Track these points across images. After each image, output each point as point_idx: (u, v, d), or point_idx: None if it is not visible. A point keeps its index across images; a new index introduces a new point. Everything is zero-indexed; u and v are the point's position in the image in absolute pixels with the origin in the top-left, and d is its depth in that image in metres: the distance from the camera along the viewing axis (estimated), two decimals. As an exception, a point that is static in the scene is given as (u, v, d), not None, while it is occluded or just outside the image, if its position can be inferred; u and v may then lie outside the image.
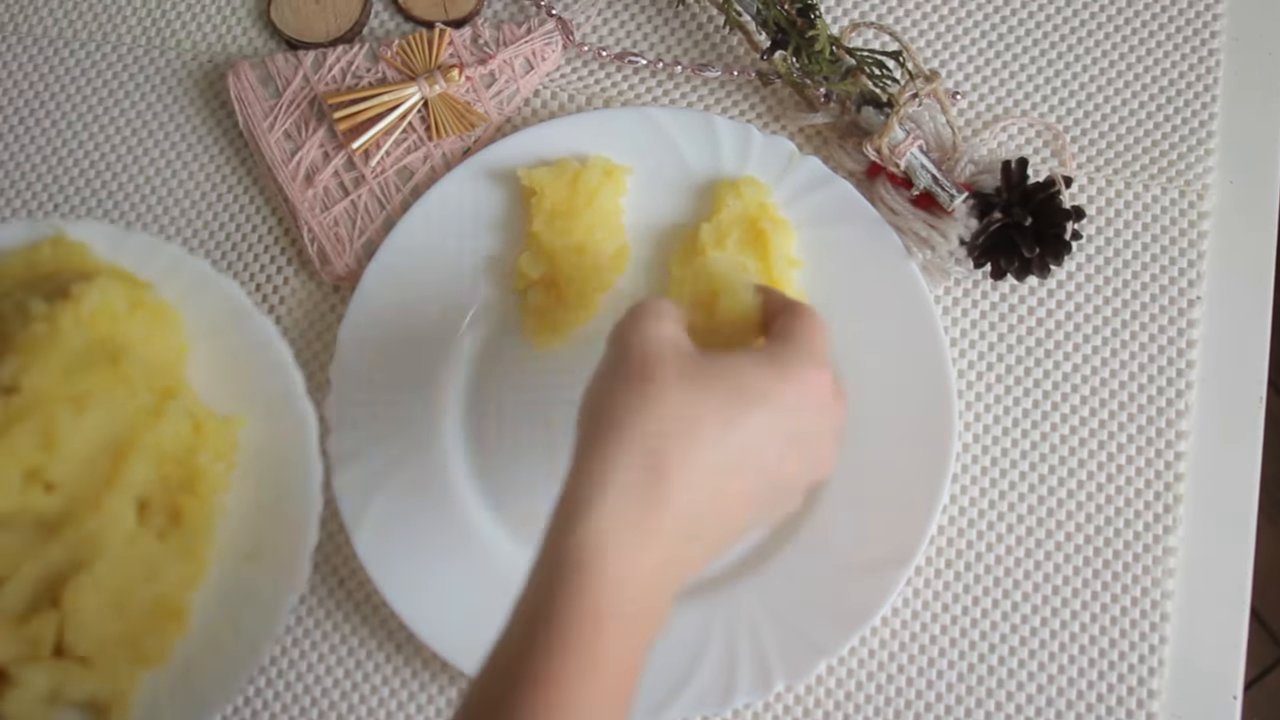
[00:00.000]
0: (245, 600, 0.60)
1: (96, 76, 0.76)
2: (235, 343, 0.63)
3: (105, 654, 0.58)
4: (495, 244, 0.69)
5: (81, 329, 0.58)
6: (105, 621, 0.57)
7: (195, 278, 0.63)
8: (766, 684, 0.62)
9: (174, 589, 0.60)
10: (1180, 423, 0.67)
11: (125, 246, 0.63)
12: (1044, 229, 0.65)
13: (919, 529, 0.63)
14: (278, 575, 0.60)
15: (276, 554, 0.61)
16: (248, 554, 0.61)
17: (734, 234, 0.66)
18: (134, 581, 0.58)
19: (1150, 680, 0.64)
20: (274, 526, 0.61)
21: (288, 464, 0.61)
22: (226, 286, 0.63)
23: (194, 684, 0.59)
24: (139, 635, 0.58)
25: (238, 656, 0.59)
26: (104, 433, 0.58)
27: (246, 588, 0.61)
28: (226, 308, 0.63)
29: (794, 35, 0.68)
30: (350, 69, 0.73)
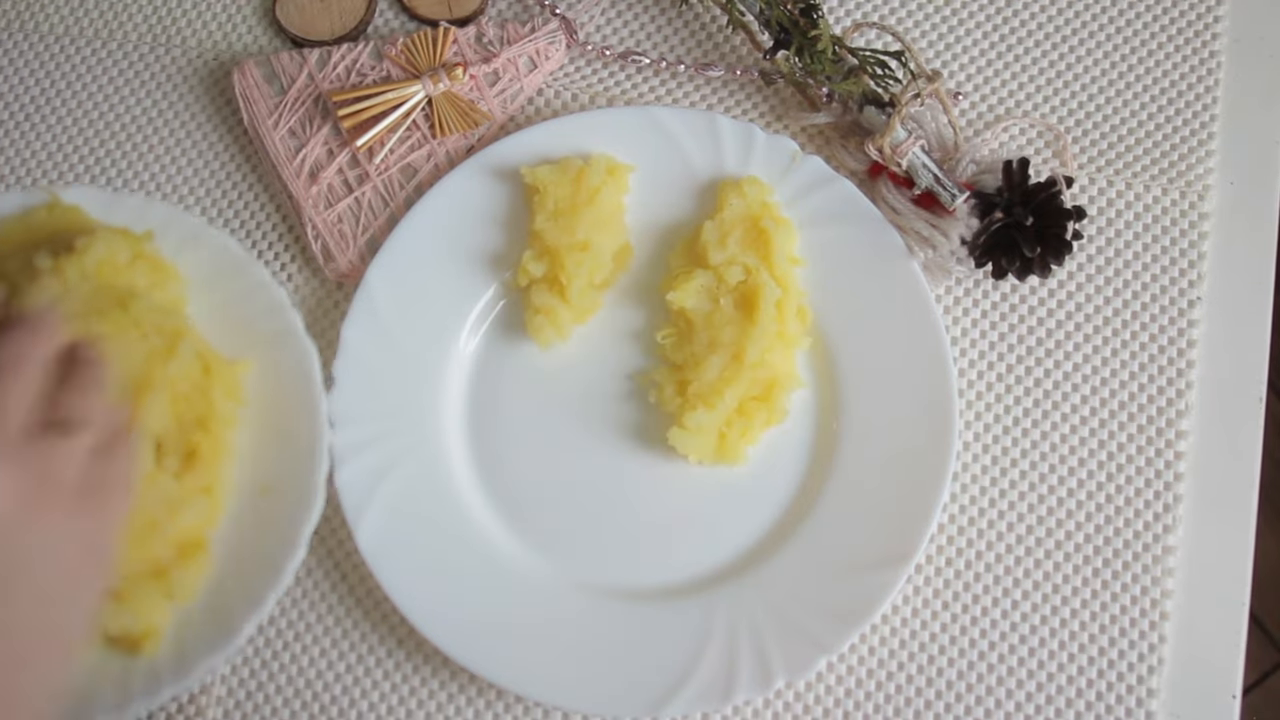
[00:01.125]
0: (264, 532, 0.62)
1: (102, 74, 0.77)
2: (233, 288, 0.65)
3: (135, 589, 0.59)
4: (498, 242, 0.70)
5: (88, 279, 0.60)
6: (132, 558, 0.59)
7: (188, 231, 0.66)
8: (767, 681, 0.62)
9: (194, 525, 0.61)
10: (1180, 422, 0.67)
11: (118, 207, 0.66)
12: (1045, 229, 0.66)
13: (919, 527, 0.64)
14: (294, 506, 0.62)
15: (291, 486, 0.63)
16: (263, 487, 0.63)
17: (736, 233, 0.67)
18: (156, 519, 0.60)
19: (1149, 679, 0.64)
20: (285, 460, 0.63)
21: (293, 399, 0.63)
22: (220, 238, 0.66)
23: (220, 614, 0.61)
24: (166, 570, 0.60)
25: (262, 585, 0.61)
26: (119, 374, 0.59)
27: (264, 520, 0.63)
28: (221, 257, 0.66)
29: (797, 35, 0.69)
30: (355, 67, 0.73)
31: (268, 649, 0.67)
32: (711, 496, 0.67)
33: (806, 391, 0.67)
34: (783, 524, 0.66)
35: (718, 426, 0.66)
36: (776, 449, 0.67)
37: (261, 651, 0.67)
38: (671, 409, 0.66)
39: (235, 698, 0.66)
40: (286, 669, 0.67)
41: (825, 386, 0.67)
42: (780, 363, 0.66)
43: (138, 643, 0.60)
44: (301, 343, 0.64)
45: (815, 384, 0.68)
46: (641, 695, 0.63)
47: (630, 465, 0.68)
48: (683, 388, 0.66)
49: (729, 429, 0.66)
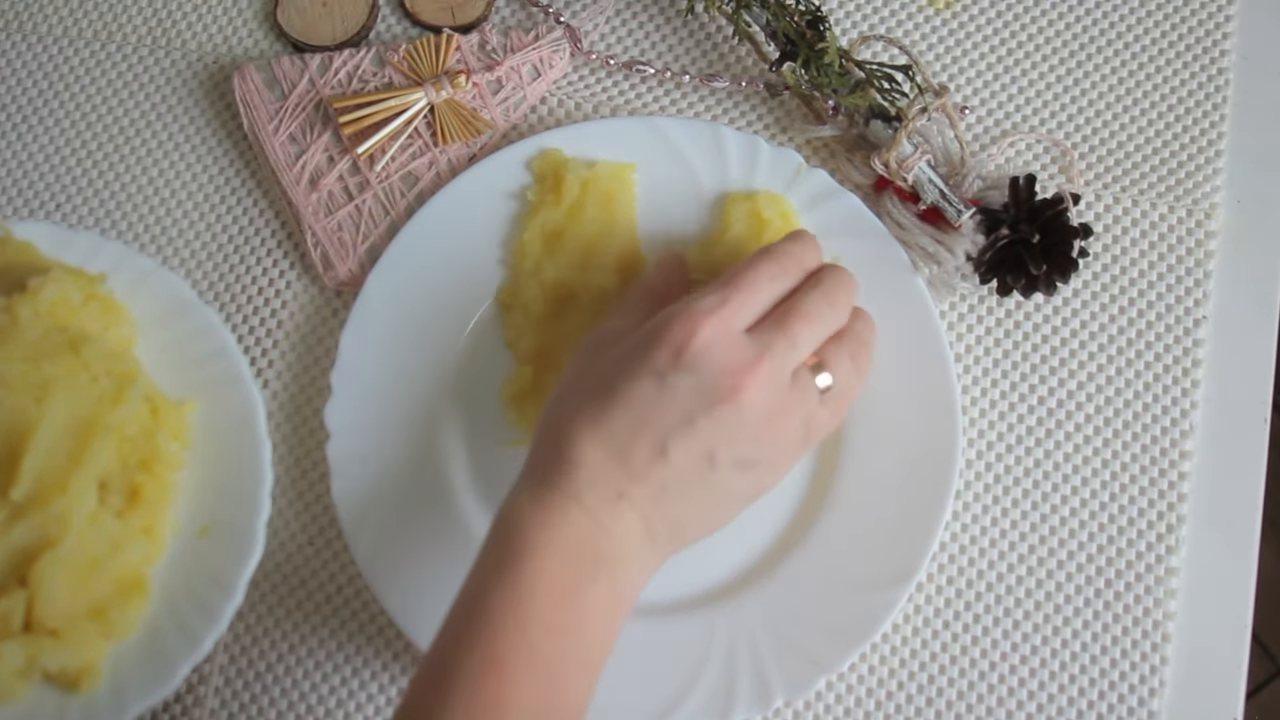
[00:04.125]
0: (203, 572, 0.63)
1: (101, 76, 0.76)
2: (181, 331, 0.66)
3: (73, 627, 0.60)
4: (499, 251, 0.69)
5: (40, 320, 0.62)
6: (72, 596, 0.60)
7: (139, 272, 0.67)
8: (766, 699, 0.62)
9: (135, 564, 0.62)
10: (1184, 442, 0.67)
11: (70, 245, 0.66)
12: (1051, 246, 0.65)
13: (921, 546, 0.63)
14: (233, 548, 0.63)
15: (231, 528, 0.63)
16: (203, 529, 0.64)
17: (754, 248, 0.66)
18: (97, 558, 0.61)
19: (1151, 701, 0.64)
20: (227, 502, 0.64)
21: (238, 443, 0.64)
22: (170, 280, 0.66)
23: (157, 651, 0.62)
24: (104, 608, 0.61)
25: (199, 625, 0.62)
26: (68, 417, 0.61)
27: (204, 561, 0.63)
28: (170, 299, 0.66)
29: (803, 47, 0.68)
30: (356, 73, 0.72)
31: (261, 661, 0.66)
32: (711, 512, 0.66)
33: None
34: (783, 542, 0.65)
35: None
36: (777, 464, 0.67)
37: (255, 664, 0.66)
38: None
39: (229, 709, 0.66)
40: (280, 681, 0.66)
41: (827, 402, 0.67)
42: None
43: (75, 680, 0.61)
44: (247, 388, 0.65)
45: (817, 399, 0.67)
46: (639, 713, 0.62)
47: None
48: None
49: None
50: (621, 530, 0.53)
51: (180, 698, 0.66)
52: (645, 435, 0.53)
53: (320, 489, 0.68)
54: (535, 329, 0.67)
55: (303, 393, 0.70)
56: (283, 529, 0.68)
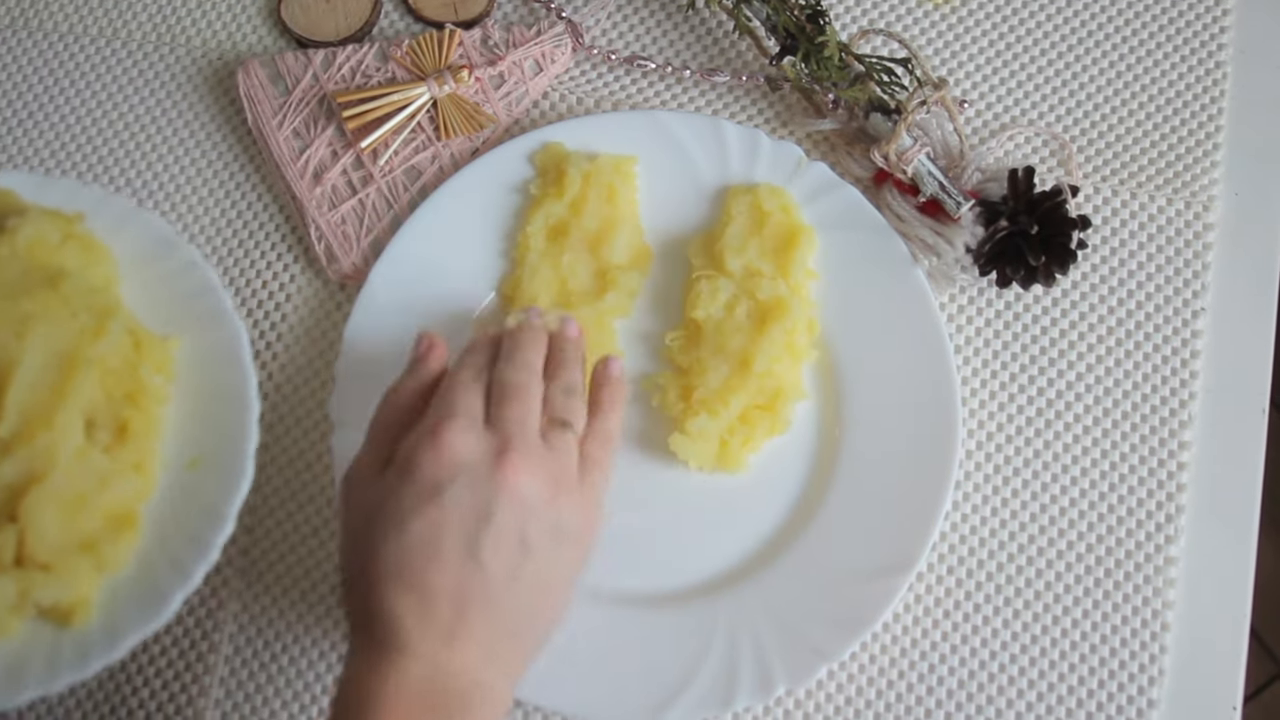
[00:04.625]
0: (193, 505, 0.63)
1: (106, 73, 0.76)
2: (164, 269, 0.66)
3: (65, 561, 0.60)
4: (502, 245, 0.70)
5: (18, 259, 0.62)
6: (63, 531, 0.60)
7: (120, 213, 0.66)
8: (768, 688, 0.62)
9: (125, 498, 0.62)
10: (1183, 433, 0.67)
11: (49, 190, 0.66)
12: (1050, 238, 0.66)
13: (921, 535, 0.63)
14: (223, 479, 0.62)
15: (220, 460, 0.63)
16: (191, 461, 0.63)
17: (754, 240, 0.67)
18: (87, 492, 0.60)
19: (1150, 690, 0.64)
20: (215, 434, 0.64)
21: (224, 375, 0.64)
22: (150, 219, 0.66)
23: (150, 584, 0.61)
24: (96, 542, 0.61)
25: (190, 557, 0.61)
26: (49, 352, 0.60)
27: (194, 493, 0.63)
28: (152, 238, 0.66)
29: (803, 41, 0.69)
30: (360, 68, 0.73)
31: (266, 651, 0.67)
32: (713, 503, 0.67)
33: (809, 398, 0.67)
34: (784, 531, 0.66)
35: (720, 434, 0.66)
36: (778, 456, 0.67)
37: (260, 653, 0.67)
38: (674, 413, 0.66)
39: (234, 699, 0.66)
40: (285, 671, 0.66)
41: (828, 393, 0.67)
42: (786, 373, 0.66)
43: (68, 614, 0.60)
44: (231, 321, 0.64)
45: (818, 391, 0.68)
46: (641, 701, 0.63)
47: (632, 470, 0.67)
48: (687, 393, 0.66)
49: (731, 437, 0.66)
50: (460, 665, 0.53)
51: (186, 687, 0.66)
52: (451, 557, 0.54)
53: (324, 480, 0.68)
54: None
55: (307, 384, 0.70)
56: (286, 519, 0.68)
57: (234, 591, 0.67)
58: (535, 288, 0.68)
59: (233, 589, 0.67)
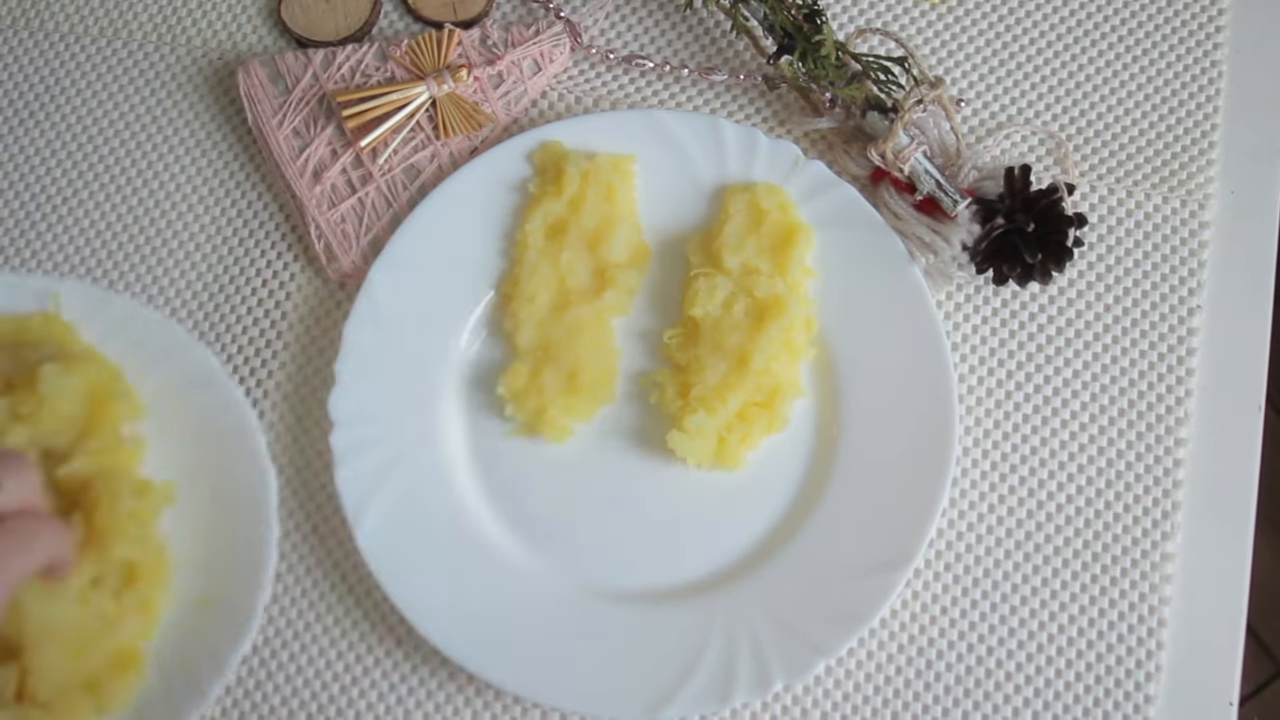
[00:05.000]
0: (198, 645, 0.63)
1: (107, 72, 0.77)
2: (203, 403, 0.66)
3: (66, 700, 0.60)
4: (501, 243, 0.70)
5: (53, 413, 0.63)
6: (65, 670, 0.60)
7: (173, 341, 0.66)
8: (765, 684, 0.62)
9: (128, 640, 0.63)
10: (1179, 430, 0.68)
11: (105, 310, 0.66)
12: (1046, 235, 0.66)
13: (919, 531, 0.64)
14: (230, 622, 0.63)
15: (230, 602, 0.63)
16: (202, 600, 0.64)
17: (752, 238, 0.67)
18: (91, 635, 0.61)
19: (1147, 685, 0.64)
20: (228, 576, 0.64)
21: (247, 518, 0.64)
22: (200, 351, 0.66)
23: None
24: (98, 683, 0.61)
25: (187, 700, 0.62)
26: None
27: (199, 634, 0.63)
28: (199, 369, 0.66)
29: (800, 40, 0.69)
30: (359, 68, 0.73)
31: (266, 648, 0.67)
32: (711, 500, 0.67)
33: (807, 396, 0.68)
34: (782, 528, 0.66)
35: (717, 431, 0.66)
36: (776, 453, 0.67)
37: (260, 650, 0.67)
38: (672, 411, 0.66)
39: (233, 696, 0.66)
40: (285, 668, 0.67)
41: (825, 391, 0.68)
42: (784, 371, 0.66)
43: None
44: (262, 465, 0.65)
45: (815, 388, 0.68)
46: (639, 697, 0.63)
47: (630, 468, 0.68)
48: (685, 390, 0.66)
49: (729, 434, 0.66)
50: None
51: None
52: None
53: (324, 477, 0.69)
54: (536, 319, 0.68)
55: (307, 383, 0.70)
56: (287, 518, 0.68)
57: (234, 588, 0.68)
58: (534, 286, 0.68)
59: (233, 586, 0.68)
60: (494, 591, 0.66)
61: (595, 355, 0.68)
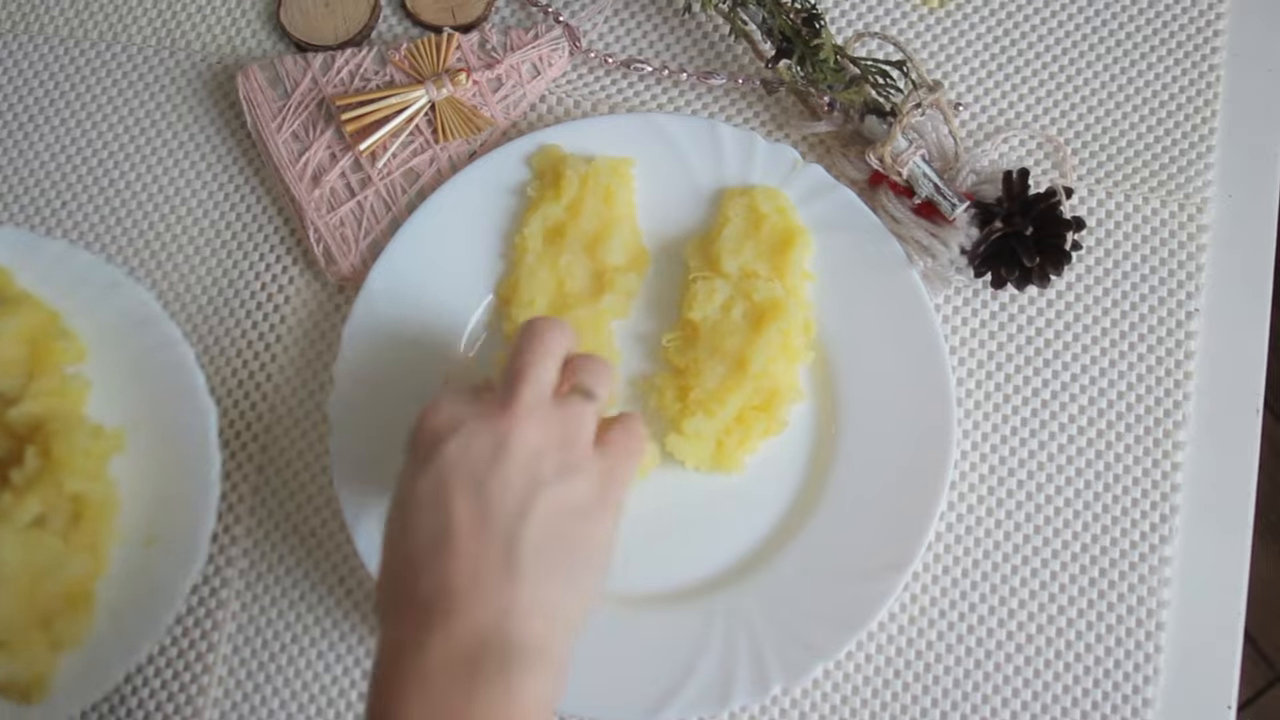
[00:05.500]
0: (146, 583, 0.64)
1: (106, 76, 0.77)
2: (142, 344, 0.67)
3: (21, 639, 0.61)
4: (500, 247, 0.70)
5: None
6: (17, 611, 0.61)
7: (106, 284, 0.68)
8: (764, 687, 0.62)
9: (79, 579, 0.64)
10: (1177, 433, 0.68)
11: (39, 254, 0.68)
12: (1044, 239, 0.66)
13: (917, 535, 0.64)
14: (177, 558, 0.64)
15: (175, 539, 0.65)
16: (149, 538, 0.65)
17: (750, 242, 0.67)
18: (41, 573, 0.62)
19: (1145, 689, 0.64)
20: (173, 513, 0.65)
21: (188, 454, 0.66)
22: (137, 292, 0.68)
23: (97, 658, 0.63)
24: (51, 621, 0.62)
25: (139, 634, 0.63)
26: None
27: (148, 571, 0.65)
28: (136, 313, 0.68)
29: (799, 44, 0.69)
30: (358, 71, 0.73)
31: (265, 651, 0.67)
32: (709, 503, 0.67)
33: (805, 399, 0.68)
34: (781, 531, 0.66)
35: (716, 434, 0.66)
36: (774, 456, 0.67)
37: (259, 654, 0.67)
38: (671, 414, 0.66)
39: (232, 699, 0.66)
40: (284, 671, 0.67)
41: (823, 394, 0.68)
42: (783, 374, 0.66)
43: (26, 691, 0.62)
44: (201, 400, 0.66)
45: (814, 392, 0.68)
46: (637, 700, 0.63)
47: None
48: (684, 394, 0.66)
49: (727, 437, 0.66)
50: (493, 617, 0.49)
51: (185, 687, 0.66)
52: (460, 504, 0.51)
53: (323, 481, 0.69)
54: None
55: (305, 386, 0.70)
56: (284, 520, 0.68)
57: (234, 592, 0.68)
58: (532, 289, 0.68)
59: (233, 589, 0.68)
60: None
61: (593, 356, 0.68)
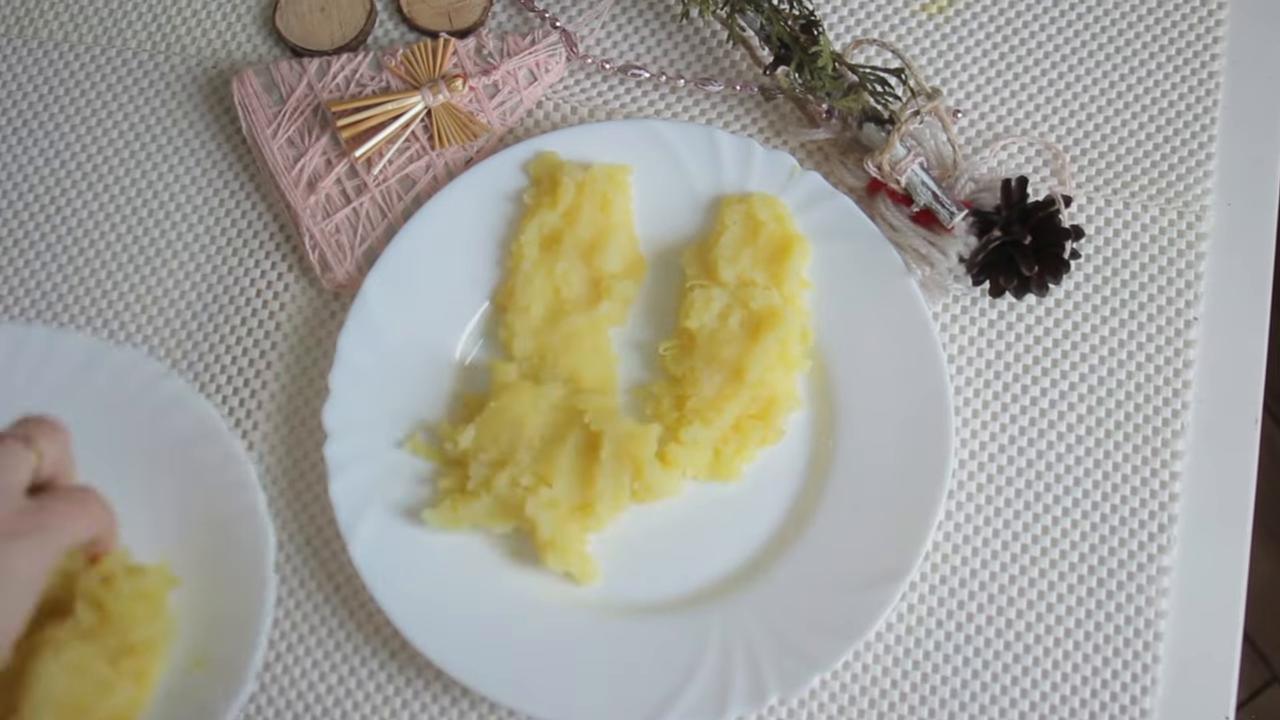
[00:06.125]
0: (190, 707, 0.62)
1: (101, 81, 0.76)
2: (202, 458, 0.65)
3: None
4: (496, 254, 0.70)
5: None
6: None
7: (172, 393, 0.66)
8: (760, 697, 0.62)
9: (122, 707, 0.62)
10: (1176, 442, 0.67)
11: (109, 360, 0.66)
12: (1043, 247, 0.66)
13: (915, 544, 0.64)
14: (225, 683, 0.62)
15: (225, 663, 0.63)
16: (197, 661, 0.63)
17: (748, 250, 0.67)
18: (85, 703, 0.60)
19: (1143, 699, 0.64)
20: (224, 636, 0.63)
21: (243, 577, 0.63)
22: (200, 405, 0.66)
23: None
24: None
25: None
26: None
27: (193, 695, 0.62)
28: (199, 426, 0.66)
29: (797, 51, 0.69)
30: (354, 77, 0.73)
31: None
32: (706, 512, 0.67)
33: (803, 408, 0.67)
34: (778, 540, 0.66)
35: (713, 443, 0.66)
36: (772, 465, 0.67)
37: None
38: (668, 423, 0.66)
39: (226, 709, 0.66)
40: (279, 680, 0.66)
41: (821, 402, 0.67)
42: (780, 383, 0.66)
43: None
44: (260, 522, 0.64)
45: (811, 400, 0.68)
46: (634, 710, 0.63)
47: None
48: (681, 402, 0.66)
49: (725, 446, 0.66)
50: None
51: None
52: None
53: (319, 489, 0.68)
54: (532, 330, 0.68)
55: (301, 393, 0.70)
56: (280, 529, 0.68)
57: (227, 600, 0.67)
58: (529, 296, 0.68)
59: (226, 598, 0.67)
60: (489, 604, 0.65)
61: (592, 364, 0.68)
